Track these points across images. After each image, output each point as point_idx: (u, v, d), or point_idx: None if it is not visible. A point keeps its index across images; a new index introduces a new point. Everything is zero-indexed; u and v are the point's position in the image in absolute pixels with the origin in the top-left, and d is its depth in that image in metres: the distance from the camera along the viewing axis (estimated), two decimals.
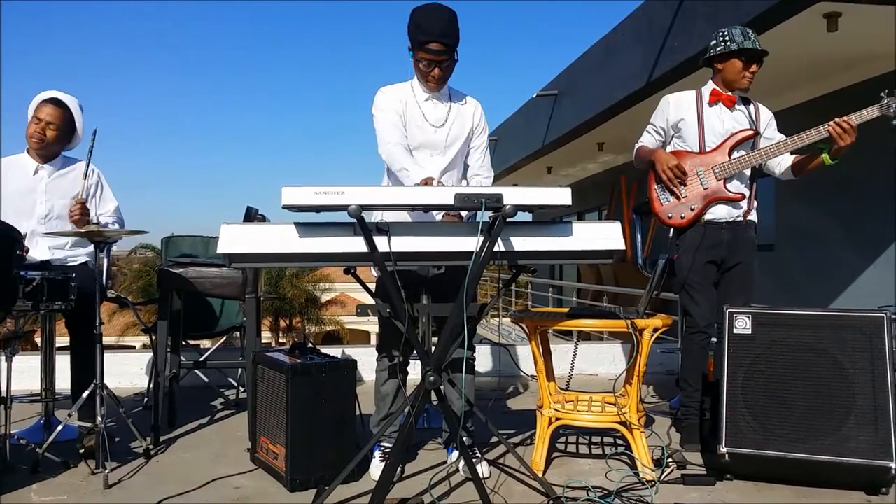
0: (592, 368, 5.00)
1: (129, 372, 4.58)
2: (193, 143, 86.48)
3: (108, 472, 2.67)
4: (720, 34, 3.24)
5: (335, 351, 4.25)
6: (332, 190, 2.18)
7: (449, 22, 2.74)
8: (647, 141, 3.41)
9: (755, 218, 3.33)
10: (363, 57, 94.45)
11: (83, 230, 2.92)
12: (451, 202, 2.23)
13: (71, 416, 2.86)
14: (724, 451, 2.66)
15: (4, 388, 2.88)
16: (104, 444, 2.73)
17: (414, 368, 2.95)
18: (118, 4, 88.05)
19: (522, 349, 4.92)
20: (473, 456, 2.79)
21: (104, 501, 2.56)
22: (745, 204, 3.25)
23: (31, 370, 3.54)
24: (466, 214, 2.68)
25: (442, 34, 2.73)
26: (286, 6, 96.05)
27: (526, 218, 2.48)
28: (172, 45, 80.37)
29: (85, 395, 2.87)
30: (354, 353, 4.10)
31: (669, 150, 3.32)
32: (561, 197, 2.31)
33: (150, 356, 4.30)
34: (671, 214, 3.26)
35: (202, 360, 4.09)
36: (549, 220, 2.54)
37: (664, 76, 7.02)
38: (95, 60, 77.27)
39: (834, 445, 2.55)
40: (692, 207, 3.22)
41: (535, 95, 11.06)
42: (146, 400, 4.00)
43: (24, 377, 3.53)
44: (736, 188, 3.24)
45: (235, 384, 4.35)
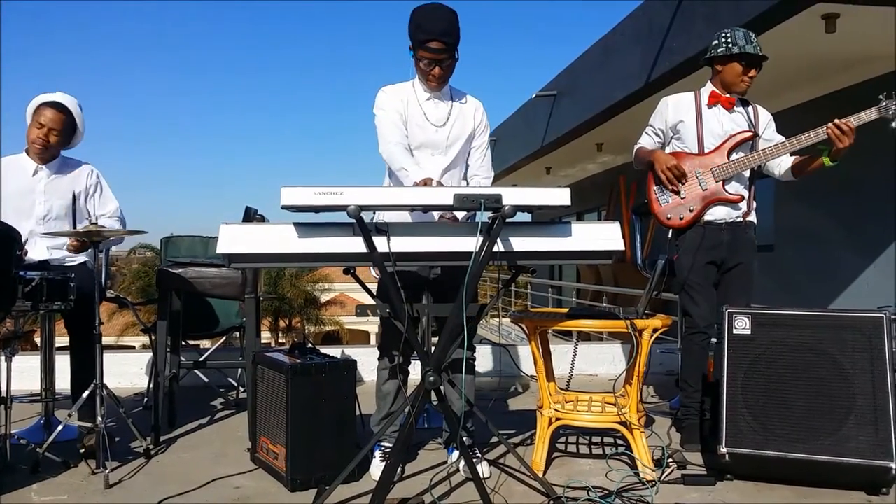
0: (592, 369, 5.00)
1: (128, 372, 4.58)
2: (193, 143, 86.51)
3: (108, 471, 2.68)
4: (722, 35, 3.23)
5: (335, 351, 4.26)
6: (331, 190, 2.18)
7: (449, 21, 2.74)
8: (646, 142, 3.41)
9: (754, 219, 3.33)
10: (363, 57, 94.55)
11: (82, 229, 2.92)
12: (450, 202, 2.24)
13: (71, 416, 2.87)
14: (724, 451, 2.66)
15: (4, 388, 2.88)
16: (104, 443, 2.73)
17: (415, 368, 2.96)
18: (118, 4, 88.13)
19: (522, 349, 4.92)
20: (474, 456, 2.79)
21: (104, 501, 2.56)
22: (744, 205, 3.25)
23: (30, 370, 3.54)
24: (465, 215, 2.68)
25: (442, 33, 2.73)
26: (286, 6, 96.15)
27: (525, 218, 2.48)
28: (172, 45, 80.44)
29: (85, 395, 2.87)
30: (354, 353, 4.11)
31: (668, 151, 3.32)
32: (560, 197, 2.32)
33: (149, 356, 4.31)
34: (670, 215, 3.26)
35: (202, 360, 4.09)
36: (548, 220, 2.55)
37: (663, 76, 7.02)
38: (95, 60, 77.31)
39: (834, 445, 2.55)
40: (691, 209, 3.23)
41: (534, 96, 11.06)
42: (146, 400, 4.01)
43: (23, 377, 3.53)
44: (735, 189, 3.24)
45: (235, 384, 4.36)
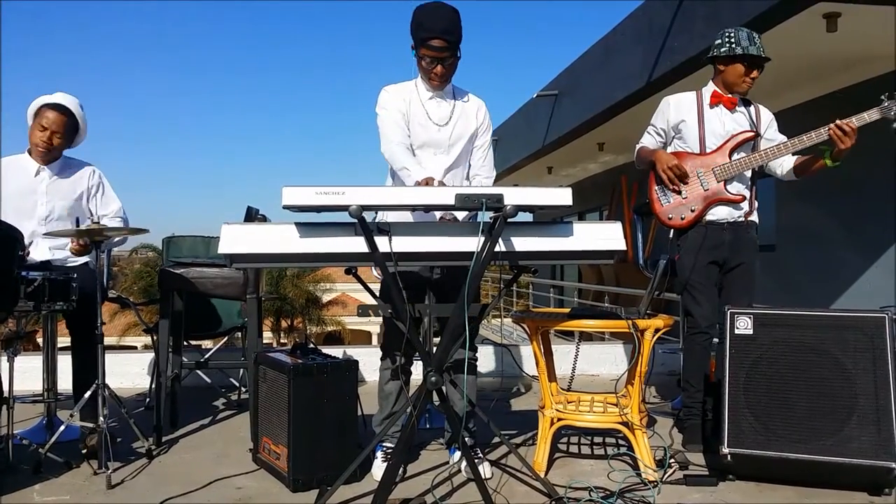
0: (594, 369, 5.00)
1: (130, 372, 4.59)
2: (194, 143, 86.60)
3: (110, 472, 2.68)
4: (726, 34, 3.21)
5: (336, 351, 4.25)
6: (332, 190, 2.17)
7: (451, 19, 2.74)
8: (647, 142, 3.41)
9: (756, 218, 3.33)
10: (363, 57, 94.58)
11: (84, 228, 2.92)
12: (451, 202, 2.24)
13: (73, 416, 2.87)
14: (726, 451, 2.66)
15: (7, 388, 2.88)
16: (106, 444, 2.73)
17: (416, 368, 2.95)
18: (118, 4, 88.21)
19: (524, 350, 4.92)
20: (475, 456, 2.79)
21: (106, 501, 2.56)
22: (745, 205, 3.25)
23: (32, 370, 3.54)
24: (467, 215, 2.68)
25: (444, 31, 2.73)
26: (286, 6, 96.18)
27: (527, 218, 2.48)
28: (172, 45, 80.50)
29: (87, 395, 2.87)
30: (356, 353, 4.10)
31: (670, 151, 3.32)
32: (562, 197, 2.32)
33: (151, 356, 4.31)
34: (671, 216, 3.26)
35: (204, 360, 4.09)
36: (549, 220, 2.54)
37: (664, 76, 7.02)
38: (95, 60, 77.38)
39: (836, 446, 2.55)
40: (692, 209, 3.22)
41: (535, 95, 11.06)
42: (148, 400, 4.01)
43: (26, 377, 3.53)
44: (736, 189, 3.24)
45: (237, 384, 4.36)
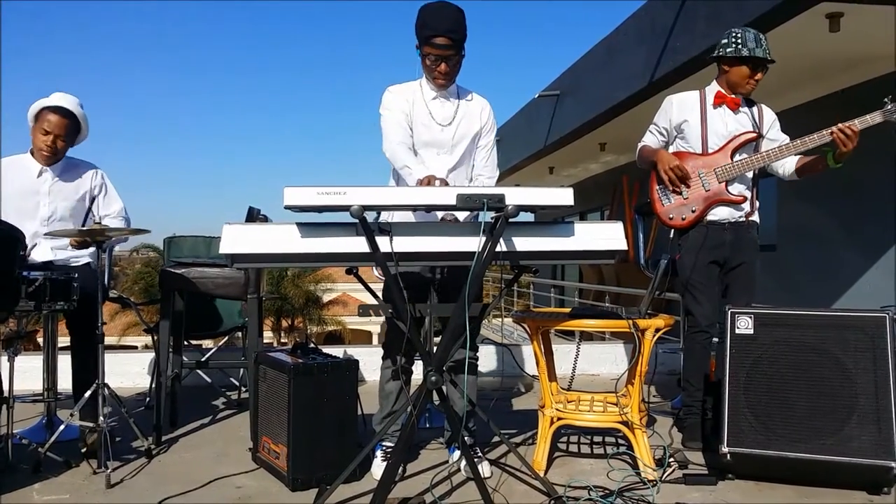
0: (594, 368, 5.00)
1: (130, 372, 4.59)
2: (194, 143, 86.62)
3: (109, 471, 2.68)
4: (733, 35, 3.19)
5: (337, 351, 4.25)
6: (334, 190, 2.17)
7: (455, 18, 2.74)
8: (649, 141, 3.40)
9: (757, 219, 3.33)
10: (363, 57, 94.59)
11: (85, 229, 2.92)
12: (453, 202, 2.23)
13: (73, 415, 2.87)
14: (725, 450, 2.66)
15: (7, 387, 2.89)
16: (106, 443, 2.73)
17: (418, 368, 2.95)
18: (118, 4, 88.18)
19: (524, 349, 4.92)
20: (475, 455, 2.79)
21: (106, 501, 2.56)
22: (747, 205, 3.25)
23: (33, 370, 3.54)
24: (468, 214, 2.68)
25: (448, 30, 2.72)
26: (286, 6, 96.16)
27: (528, 218, 2.48)
28: (172, 45, 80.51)
29: (87, 394, 2.87)
30: (356, 352, 4.11)
31: (672, 150, 3.32)
32: (563, 197, 2.31)
33: (151, 356, 4.31)
34: (672, 216, 3.26)
35: (204, 359, 4.09)
36: (551, 220, 2.54)
37: (666, 76, 7.02)
38: (95, 60, 77.40)
39: (836, 445, 2.55)
40: (693, 209, 3.22)
41: (537, 95, 11.06)
42: (148, 400, 4.01)
43: (26, 377, 3.53)
44: (738, 190, 3.24)
45: (237, 384, 4.36)
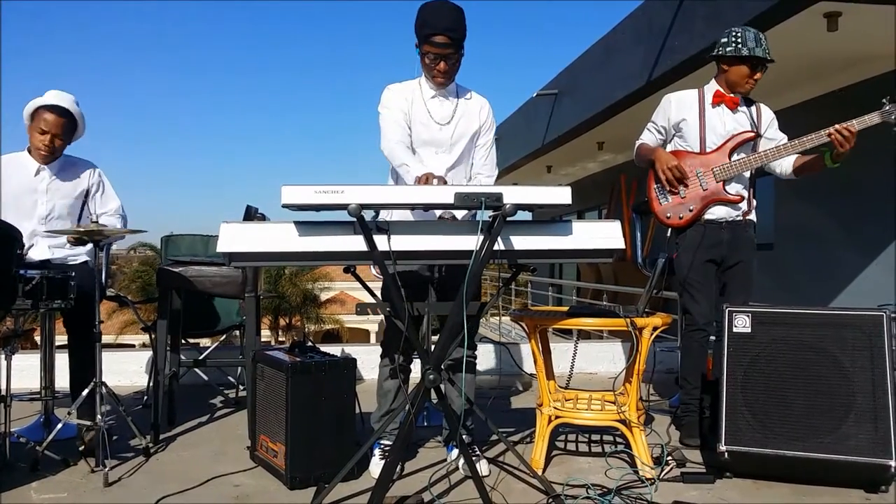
0: (592, 367, 5.00)
1: (128, 370, 4.59)
2: (193, 142, 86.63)
3: (107, 470, 2.68)
4: (733, 34, 3.19)
5: (335, 349, 4.26)
6: (331, 189, 2.17)
7: (455, 17, 2.74)
8: (647, 139, 3.40)
9: (754, 217, 3.33)
10: (363, 57, 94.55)
11: (82, 229, 2.91)
12: (451, 201, 2.24)
13: (70, 414, 2.86)
14: (723, 449, 2.66)
15: (4, 386, 2.88)
16: (104, 442, 2.73)
17: (416, 366, 2.95)
18: (118, 4, 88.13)
19: (522, 348, 4.92)
20: (473, 454, 2.79)
21: (104, 499, 2.56)
22: (744, 205, 3.25)
23: (30, 368, 3.54)
24: (466, 213, 2.68)
25: (447, 28, 2.72)
26: (286, 6, 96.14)
27: (526, 217, 2.48)
28: (172, 45, 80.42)
29: (84, 393, 2.87)
30: (354, 351, 4.11)
31: (670, 149, 3.32)
32: (561, 196, 2.32)
33: (149, 354, 4.31)
34: (669, 214, 3.26)
35: (202, 358, 4.09)
36: (548, 218, 2.54)
37: (664, 75, 7.02)
38: (95, 60, 77.35)
39: (833, 444, 2.55)
40: (690, 208, 3.22)
41: (535, 94, 11.06)
42: (146, 398, 4.01)
43: (23, 375, 3.53)
44: (735, 190, 3.24)
45: (235, 382, 4.36)
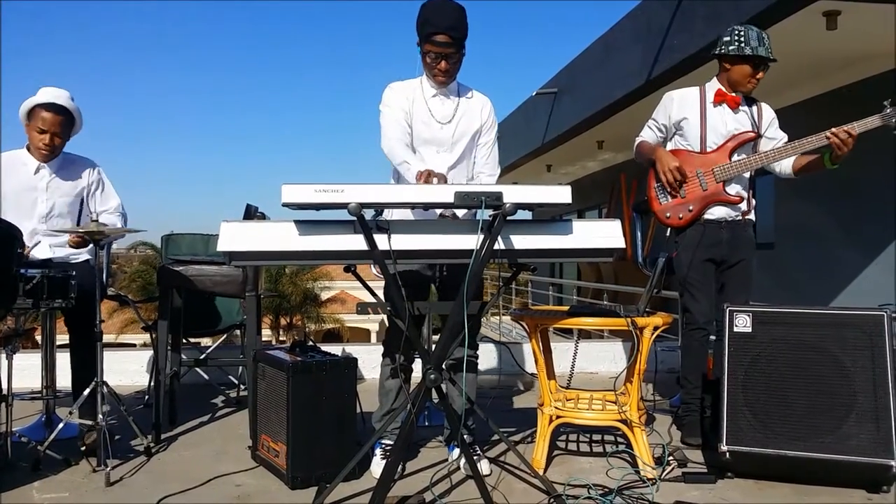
0: (593, 366, 5.00)
1: (129, 370, 4.59)
2: (193, 141, 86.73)
3: (109, 469, 2.67)
4: (735, 32, 3.17)
5: (336, 349, 4.25)
6: (331, 188, 2.17)
7: (456, 16, 2.73)
8: (647, 136, 3.39)
9: (753, 217, 3.33)
10: (363, 56, 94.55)
11: (82, 229, 2.91)
12: (451, 200, 2.23)
13: (72, 413, 2.87)
14: (724, 449, 2.66)
15: (5, 385, 2.88)
16: (105, 441, 2.73)
17: (417, 365, 2.95)
18: (118, 4, 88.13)
19: (523, 347, 4.92)
20: (474, 454, 2.79)
21: (105, 499, 2.56)
22: (743, 205, 3.25)
23: (31, 368, 3.53)
24: (466, 212, 2.68)
25: (449, 27, 2.72)
26: (286, 6, 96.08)
27: (526, 216, 2.48)
28: (172, 45, 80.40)
29: (86, 392, 2.86)
30: (355, 350, 4.10)
31: (670, 147, 3.32)
32: (561, 195, 2.31)
33: (150, 354, 4.30)
34: (669, 214, 3.26)
35: (203, 357, 4.09)
36: (549, 218, 2.54)
37: (663, 74, 7.03)
38: (95, 60, 77.38)
39: (835, 443, 2.55)
40: (690, 208, 3.22)
41: (534, 93, 11.07)
42: (147, 398, 4.00)
43: (24, 375, 3.52)
44: (735, 191, 3.24)
45: (236, 382, 4.35)
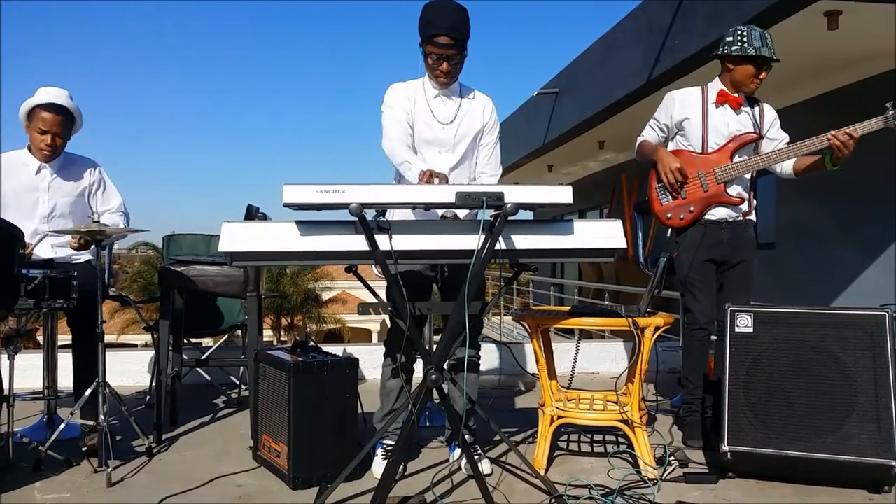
0: (594, 367, 5.00)
1: (130, 370, 4.59)
2: (194, 141, 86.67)
3: (110, 470, 2.68)
4: (738, 32, 3.17)
5: (337, 349, 4.26)
6: (333, 188, 2.17)
7: (458, 17, 2.73)
8: (649, 136, 3.39)
9: (754, 218, 3.33)
10: (363, 56, 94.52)
11: (84, 230, 2.91)
12: (452, 200, 2.24)
13: (73, 414, 2.87)
14: (726, 449, 2.66)
15: (7, 385, 2.88)
16: (107, 442, 2.73)
17: (418, 366, 2.95)
18: (118, 4, 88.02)
19: (524, 347, 4.92)
20: (475, 454, 2.79)
21: (107, 500, 2.56)
22: (745, 205, 3.25)
23: (33, 368, 3.54)
24: (468, 212, 2.68)
25: (451, 28, 2.72)
26: (286, 6, 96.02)
27: (527, 216, 2.48)
28: (172, 45, 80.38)
29: (87, 393, 2.87)
30: (356, 351, 4.11)
31: (671, 147, 3.32)
32: (562, 195, 2.32)
33: (151, 354, 4.31)
34: (670, 215, 3.26)
35: (204, 358, 4.10)
36: (550, 218, 2.54)
37: (664, 74, 7.02)
38: (95, 60, 77.36)
39: (836, 444, 2.55)
40: (691, 209, 3.22)
41: (535, 93, 11.06)
42: (148, 398, 4.01)
43: (26, 375, 3.53)
44: (736, 192, 3.23)
45: (237, 382, 4.36)
